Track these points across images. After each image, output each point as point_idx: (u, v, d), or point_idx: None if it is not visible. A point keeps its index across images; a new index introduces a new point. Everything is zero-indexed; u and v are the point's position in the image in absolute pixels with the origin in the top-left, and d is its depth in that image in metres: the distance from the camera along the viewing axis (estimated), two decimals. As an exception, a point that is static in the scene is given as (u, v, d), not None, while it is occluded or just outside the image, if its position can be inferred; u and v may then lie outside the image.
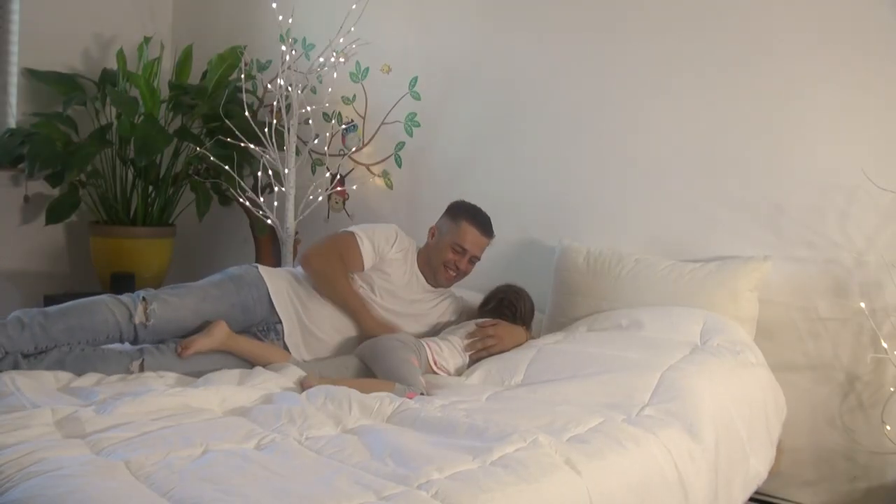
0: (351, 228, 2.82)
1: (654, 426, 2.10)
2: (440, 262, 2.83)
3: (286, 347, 2.64)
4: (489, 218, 2.90)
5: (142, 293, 2.53)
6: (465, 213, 2.87)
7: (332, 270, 2.73)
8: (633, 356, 2.43)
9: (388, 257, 2.81)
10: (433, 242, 2.89)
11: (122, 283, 3.72)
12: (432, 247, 2.89)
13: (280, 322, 2.67)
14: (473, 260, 2.88)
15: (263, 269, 2.75)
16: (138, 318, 2.46)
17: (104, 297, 2.50)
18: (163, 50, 4.13)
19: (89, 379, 2.25)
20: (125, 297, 2.51)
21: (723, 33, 2.94)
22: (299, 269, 2.86)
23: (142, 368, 2.39)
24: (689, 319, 2.67)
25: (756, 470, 2.39)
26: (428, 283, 2.89)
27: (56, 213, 3.82)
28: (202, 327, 2.53)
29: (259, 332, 2.65)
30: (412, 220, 3.33)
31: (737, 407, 2.34)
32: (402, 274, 2.84)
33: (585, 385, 2.32)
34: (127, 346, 2.50)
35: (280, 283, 2.73)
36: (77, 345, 2.38)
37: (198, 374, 2.40)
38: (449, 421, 2.01)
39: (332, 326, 2.72)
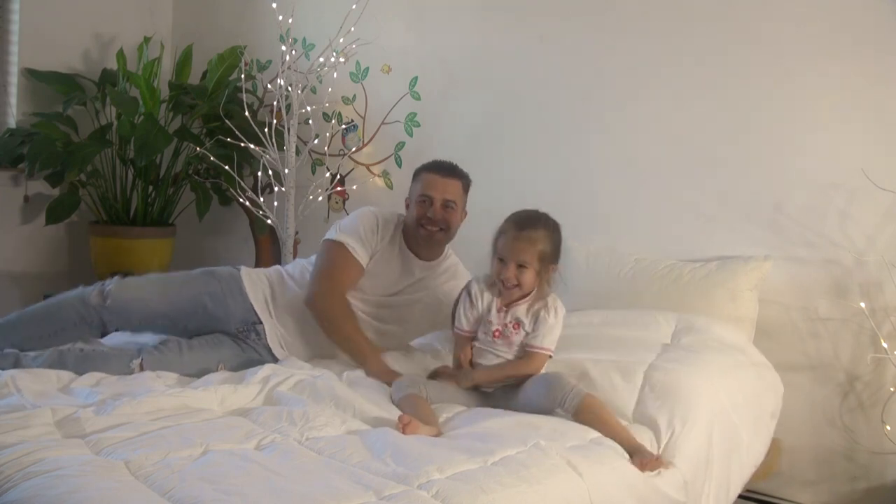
0: (336, 237, 2.67)
1: (650, 426, 2.11)
2: (415, 222, 2.67)
3: (268, 349, 2.58)
4: (450, 163, 2.75)
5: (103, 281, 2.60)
6: (421, 167, 2.76)
7: (336, 311, 2.57)
8: (611, 357, 2.42)
9: (377, 248, 2.69)
10: (407, 212, 2.75)
11: (122, 283, 3.73)
12: (407, 215, 2.75)
13: (260, 322, 2.60)
14: (448, 204, 2.65)
15: (245, 270, 2.72)
16: (93, 299, 2.51)
17: (72, 291, 2.57)
18: (163, 50, 4.12)
19: (89, 379, 2.25)
20: (87, 288, 2.57)
21: (724, 33, 2.94)
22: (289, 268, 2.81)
23: (141, 368, 2.39)
24: (661, 319, 2.66)
25: (753, 448, 2.42)
26: (420, 258, 2.74)
27: (56, 213, 3.82)
28: (170, 312, 2.55)
29: (239, 332, 2.59)
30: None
31: (726, 393, 2.35)
32: (391, 260, 2.72)
33: None
34: (127, 344, 2.50)
35: (260, 282, 2.68)
36: (46, 337, 2.42)
37: (198, 374, 2.40)
38: (452, 429, 2.02)
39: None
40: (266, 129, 3.58)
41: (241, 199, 3.71)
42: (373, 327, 2.68)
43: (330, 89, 3.74)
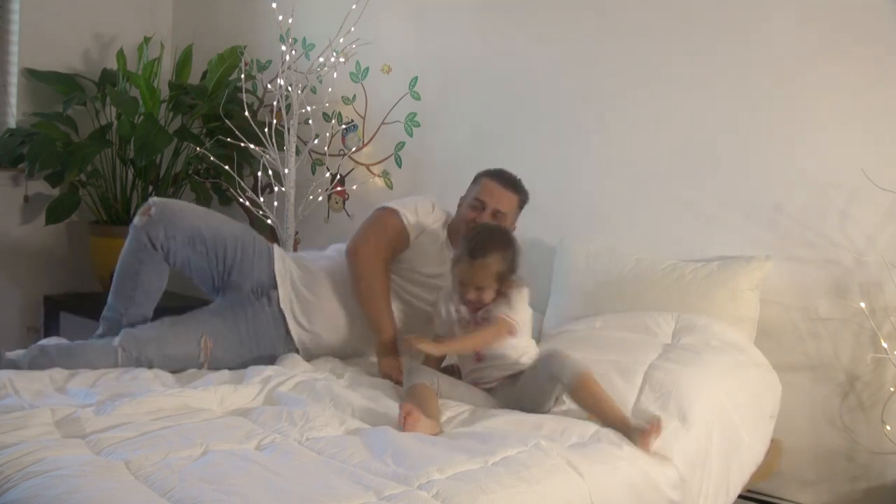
0: (391, 204, 2.73)
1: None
2: (463, 224, 2.70)
3: (280, 314, 2.60)
4: (513, 175, 2.78)
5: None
6: (485, 172, 2.78)
7: (376, 277, 2.62)
8: (612, 357, 2.43)
9: (428, 227, 2.75)
10: (458, 211, 2.81)
11: (122, 283, 3.72)
12: (458, 214, 2.80)
13: (275, 288, 2.63)
14: (498, 215, 2.67)
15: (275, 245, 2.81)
16: (139, 220, 2.55)
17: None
18: (163, 50, 4.13)
19: (87, 379, 2.25)
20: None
21: (724, 34, 2.94)
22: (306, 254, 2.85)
23: (123, 349, 2.40)
24: (661, 320, 2.68)
25: (754, 449, 2.42)
26: None
27: (56, 213, 3.82)
28: (209, 237, 2.58)
29: (252, 293, 2.62)
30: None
31: (727, 393, 2.36)
32: (432, 244, 2.75)
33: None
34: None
35: (284, 256, 2.73)
36: (131, 291, 2.55)
37: (180, 347, 2.45)
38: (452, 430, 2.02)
39: (335, 299, 2.68)
40: (266, 129, 3.58)
41: (241, 199, 3.71)
42: (402, 298, 2.73)
43: (330, 89, 3.74)
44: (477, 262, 2.29)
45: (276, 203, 3.68)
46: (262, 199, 3.60)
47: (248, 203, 3.68)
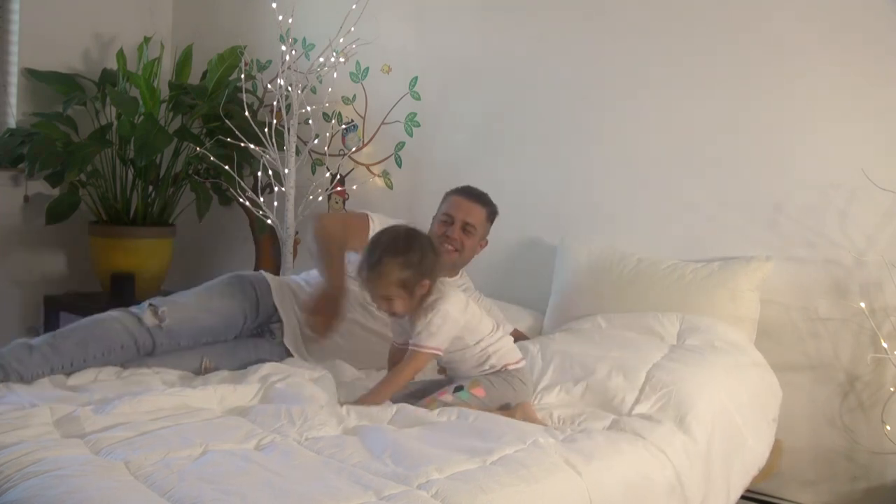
0: (365, 211, 2.80)
1: (648, 424, 2.12)
2: (434, 239, 2.66)
3: (285, 349, 2.61)
4: (479, 190, 2.86)
5: (147, 301, 2.50)
6: (453, 190, 2.87)
7: (336, 231, 2.63)
8: (615, 354, 2.43)
9: None
10: (430, 229, 2.83)
11: (122, 283, 3.72)
12: (429, 232, 2.75)
13: (278, 322, 2.63)
14: (467, 228, 2.77)
15: (269, 275, 2.75)
16: (149, 321, 2.41)
17: (110, 311, 2.46)
18: (163, 50, 4.12)
19: (86, 377, 2.25)
20: (131, 308, 2.48)
21: (725, 34, 2.94)
22: (301, 276, 2.85)
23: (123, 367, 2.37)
24: (665, 321, 2.69)
25: (756, 451, 2.42)
26: None
27: (56, 213, 3.82)
28: (219, 325, 2.52)
29: (254, 334, 2.63)
30: (412, 220, 3.31)
31: (729, 394, 2.36)
32: None
33: (573, 388, 2.33)
34: None
35: (283, 286, 2.71)
36: (92, 359, 2.31)
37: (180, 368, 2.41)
38: (448, 424, 2.02)
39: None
40: (266, 129, 3.57)
41: (241, 199, 3.71)
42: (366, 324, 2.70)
43: (330, 89, 3.73)
44: (374, 272, 2.13)
45: (276, 203, 3.68)
46: (262, 199, 3.60)
47: (248, 203, 3.68)
